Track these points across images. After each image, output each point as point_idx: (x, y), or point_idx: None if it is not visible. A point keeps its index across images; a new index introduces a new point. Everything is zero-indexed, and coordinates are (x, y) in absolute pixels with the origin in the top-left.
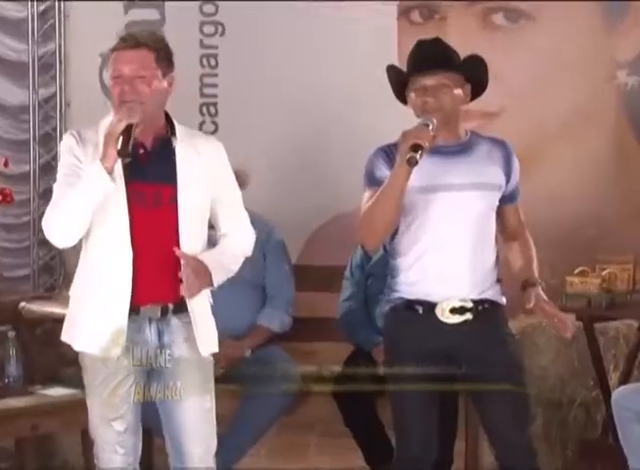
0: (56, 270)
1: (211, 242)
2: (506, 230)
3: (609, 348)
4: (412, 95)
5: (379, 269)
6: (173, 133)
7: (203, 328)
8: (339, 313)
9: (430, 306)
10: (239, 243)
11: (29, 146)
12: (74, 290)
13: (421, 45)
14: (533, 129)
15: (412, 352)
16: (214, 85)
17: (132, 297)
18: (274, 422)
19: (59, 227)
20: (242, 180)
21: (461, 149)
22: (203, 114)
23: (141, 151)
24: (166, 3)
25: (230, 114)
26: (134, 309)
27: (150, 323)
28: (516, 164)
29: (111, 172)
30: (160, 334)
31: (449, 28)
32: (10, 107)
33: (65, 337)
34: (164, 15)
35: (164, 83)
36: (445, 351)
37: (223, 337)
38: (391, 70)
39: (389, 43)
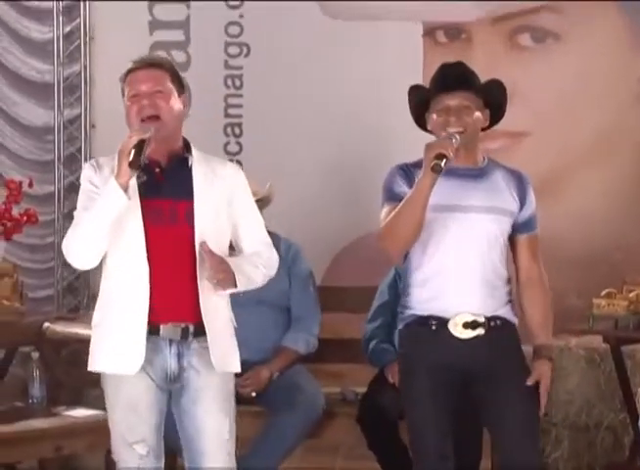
0: (80, 291)
1: None
2: (519, 263)
3: (636, 370)
4: (434, 116)
5: None
6: (189, 152)
7: (219, 347)
8: (363, 336)
9: (443, 322)
10: (262, 259)
11: (54, 167)
12: (96, 316)
13: (445, 67)
14: (560, 150)
15: (425, 367)
16: (239, 106)
17: (150, 315)
18: (298, 444)
19: (78, 249)
20: (265, 200)
21: (478, 173)
22: (227, 134)
23: (157, 169)
24: (192, 24)
25: (255, 134)
26: (153, 329)
27: (170, 345)
28: (531, 195)
29: (126, 188)
30: (179, 356)
31: (475, 49)
32: (34, 128)
33: (90, 366)
34: (189, 35)
35: (179, 103)
36: (457, 365)
37: (249, 360)
38: (414, 90)
39: (416, 63)
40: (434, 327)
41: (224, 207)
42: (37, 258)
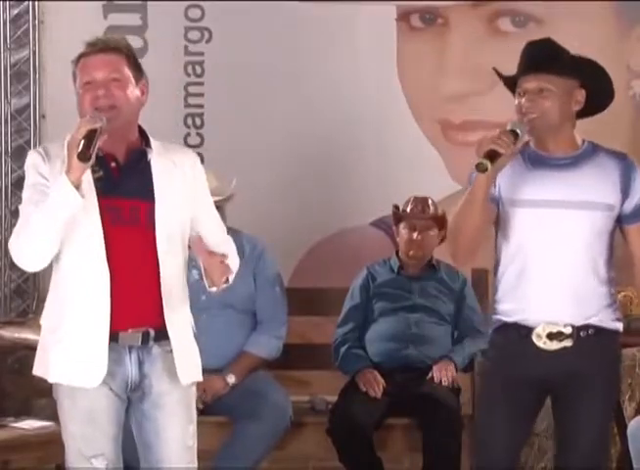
0: (29, 294)
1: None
2: (635, 253)
3: (624, 377)
4: (515, 100)
5: (386, 290)
6: (148, 146)
7: (184, 356)
8: (333, 341)
9: (527, 331)
10: (231, 254)
11: (1, 160)
12: (46, 319)
13: (529, 46)
14: None
15: (504, 377)
16: (200, 95)
17: (110, 323)
18: (264, 457)
19: (27, 249)
20: (229, 198)
21: (570, 162)
22: (187, 125)
23: (113, 164)
24: (149, 7)
25: (217, 125)
26: (112, 337)
27: (130, 352)
28: (637, 179)
29: (78, 185)
30: (140, 364)
31: (452, 34)
32: None
33: (37, 370)
34: (147, 20)
35: (137, 90)
36: (541, 377)
37: (214, 367)
38: (501, 76)
39: (389, 49)
40: (517, 336)
41: (183, 201)
42: None
